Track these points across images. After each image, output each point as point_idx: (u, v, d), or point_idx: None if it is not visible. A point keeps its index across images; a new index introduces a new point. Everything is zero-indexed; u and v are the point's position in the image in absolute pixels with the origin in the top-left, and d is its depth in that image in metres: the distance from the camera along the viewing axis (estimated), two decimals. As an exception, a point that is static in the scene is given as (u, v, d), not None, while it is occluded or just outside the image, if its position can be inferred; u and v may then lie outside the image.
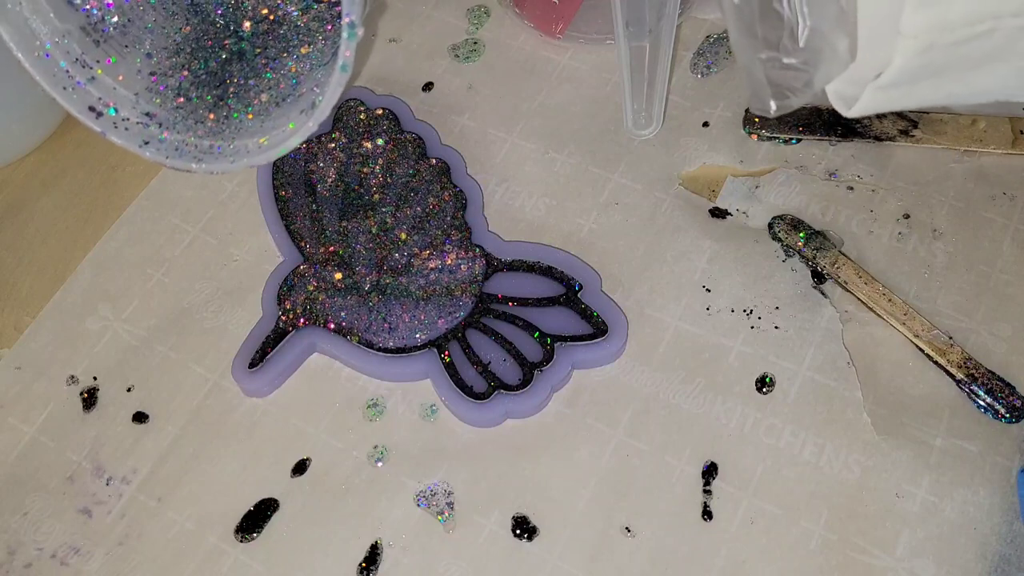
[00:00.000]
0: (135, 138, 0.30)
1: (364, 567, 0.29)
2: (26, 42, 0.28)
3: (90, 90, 0.30)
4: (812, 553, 0.28)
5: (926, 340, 0.31)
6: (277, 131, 0.29)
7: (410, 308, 0.32)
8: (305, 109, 0.29)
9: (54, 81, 0.29)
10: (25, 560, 0.29)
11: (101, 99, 0.30)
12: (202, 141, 0.30)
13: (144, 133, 0.30)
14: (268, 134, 0.29)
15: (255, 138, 0.30)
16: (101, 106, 0.30)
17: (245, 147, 0.30)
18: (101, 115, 0.30)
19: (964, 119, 0.36)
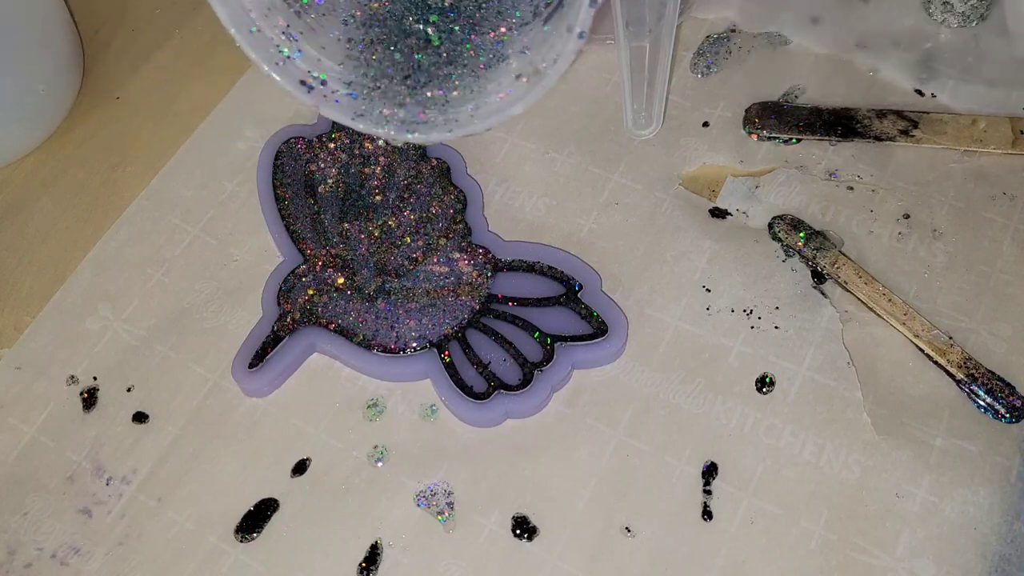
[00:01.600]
0: (346, 111, 0.29)
1: (364, 567, 0.29)
2: (240, 20, 0.28)
3: (298, 64, 0.29)
4: (812, 553, 0.28)
5: (926, 340, 0.31)
6: (488, 96, 0.28)
7: (415, 313, 0.32)
8: (527, 75, 0.27)
9: (267, 56, 0.29)
10: (25, 560, 0.29)
11: (310, 72, 0.29)
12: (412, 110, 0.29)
13: (354, 105, 0.29)
14: (477, 100, 0.28)
15: (465, 106, 0.29)
16: (311, 79, 0.29)
17: (456, 116, 0.28)
18: (312, 89, 0.29)
19: (964, 119, 0.36)
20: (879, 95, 0.37)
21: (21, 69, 0.36)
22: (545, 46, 0.27)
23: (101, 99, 0.40)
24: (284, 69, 0.29)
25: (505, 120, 0.28)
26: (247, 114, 0.39)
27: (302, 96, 0.29)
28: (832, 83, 0.38)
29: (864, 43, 0.39)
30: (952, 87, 0.37)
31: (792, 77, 0.38)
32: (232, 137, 0.38)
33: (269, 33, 0.29)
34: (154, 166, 0.38)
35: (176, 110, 0.39)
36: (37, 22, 0.36)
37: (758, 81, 0.38)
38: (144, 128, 0.39)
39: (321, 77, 0.29)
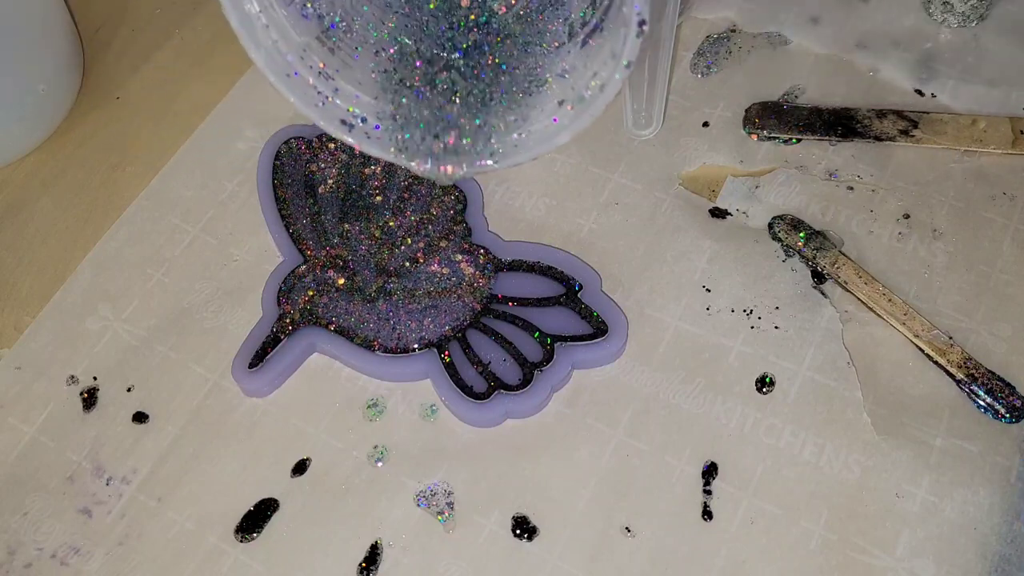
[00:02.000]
0: (387, 146, 0.28)
1: (364, 567, 0.29)
2: (277, 65, 0.28)
3: (337, 102, 0.28)
4: (812, 553, 0.28)
5: (926, 340, 0.31)
6: (531, 123, 0.28)
7: (416, 314, 0.32)
8: (570, 100, 0.27)
9: (307, 99, 0.28)
10: (25, 560, 0.29)
11: (349, 111, 0.28)
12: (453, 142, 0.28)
13: (393, 138, 0.28)
14: (520, 129, 0.28)
15: (510, 135, 0.28)
16: (351, 117, 0.28)
17: (501, 146, 0.28)
18: (353, 127, 0.28)
19: (964, 119, 0.36)
20: (879, 95, 0.37)
21: (21, 69, 0.36)
22: (587, 69, 0.27)
23: (101, 99, 0.40)
24: (324, 111, 0.28)
25: (552, 149, 0.27)
26: (247, 114, 0.39)
27: (343, 136, 0.28)
28: (832, 83, 0.38)
29: (864, 43, 0.39)
30: (952, 87, 0.37)
31: (792, 77, 0.38)
32: (232, 137, 0.38)
33: (306, 75, 0.28)
34: (154, 166, 0.38)
35: (176, 110, 0.39)
36: (37, 22, 0.36)
37: (758, 81, 0.38)
38: (144, 128, 0.39)
39: (360, 115, 0.28)
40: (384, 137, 0.28)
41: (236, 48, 0.43)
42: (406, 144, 0.28)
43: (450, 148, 0.28)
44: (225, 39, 0.42)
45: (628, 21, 0.23)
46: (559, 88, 0.27)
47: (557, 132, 0.27)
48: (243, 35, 0.27)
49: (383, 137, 0.28)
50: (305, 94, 0.28)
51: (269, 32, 0.27)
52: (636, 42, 0.24)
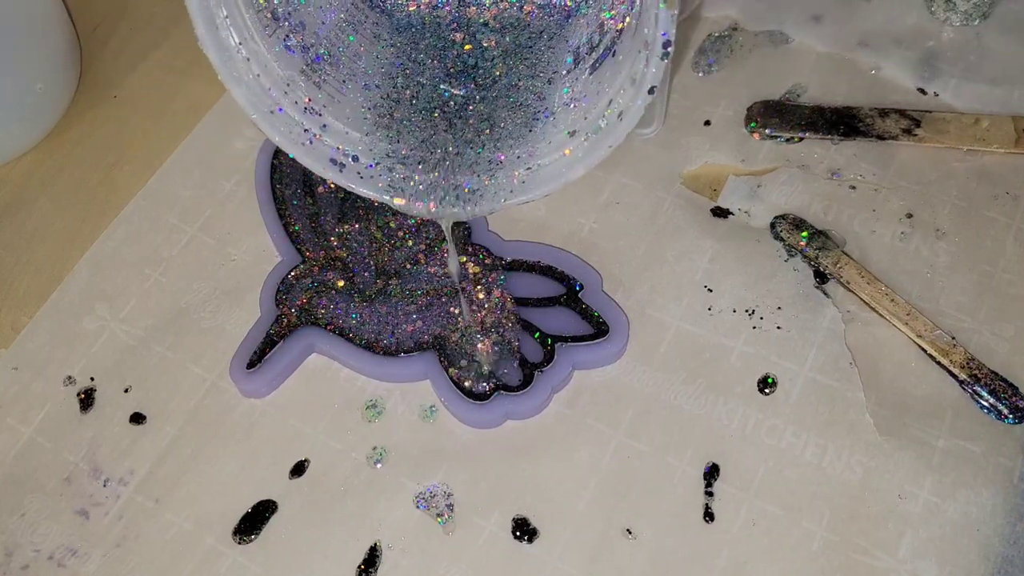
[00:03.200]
0: (383, 187, 0.26)
1: (363, 569, 0.28)
2: (260, 101, 0.25)
3: (326, 140, 0.26)
4: (814, 554, 0.28)
5: (929, 340, 0.31)
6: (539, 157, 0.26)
7: (415, 315, 0.32)
8: (583, 131, 0.25)
9: (292, 138, 0.26)
10: (22, 561, 0.29)
11: (339, 148, 0.26)
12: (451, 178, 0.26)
13: (389, 178, 0.26)
14: (528, 163, 0.26)
15: (515, 170, 0.26)
16: (341, 156, 0.26)
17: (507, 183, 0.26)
18: (344, 167, 0.26)
19: (967, 118, 0.36)
20: (881, 94, 0.37)
21: (19, 68, 0.36)
22: (600, 97, 0.25)
23: (99, 98, 0.40)
24: (311, 150, 0.26)
25: (564, 185, 0.25)
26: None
27: (334, 176, 0.26)
28: (834, 82, 0.37)
29: (866, 41, 0.38)
30: (955, 86, 0.37)
31: (794, 76, 0.38)
32: (230, 136, 0.38)
33: (293, 112, 0.26)
34: (152, 165, 0.37)
35: (174, 109, 0.39)
36: (35, 21, 0.36)
37: (760, 80, 0.38)
38: (142, 127, 0.39)
39: (351, 153, 0.26)
40: (377, 176, 0.26)
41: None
42: (402, 184, 0.26)
43: (451, 187, 0.26)
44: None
45: (651, 44, 0.22)
46: (566, 118, 0.26)
47: (571, 166, 0.25)
48: (222, 70, 0.25)
49: (376, 176, 0.26)
50: (291, 132, 0.26)
51: (250, 66, 0.25)
52: (661, 65, 0.22)
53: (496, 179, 0.26)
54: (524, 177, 0.26)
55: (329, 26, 0.27)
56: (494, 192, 0.26)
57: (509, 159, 0.26)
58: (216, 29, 0.24)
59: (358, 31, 0.27)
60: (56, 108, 0.39)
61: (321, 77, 0.27)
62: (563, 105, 0.26)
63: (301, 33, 0.26)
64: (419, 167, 0.26)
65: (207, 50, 0.24)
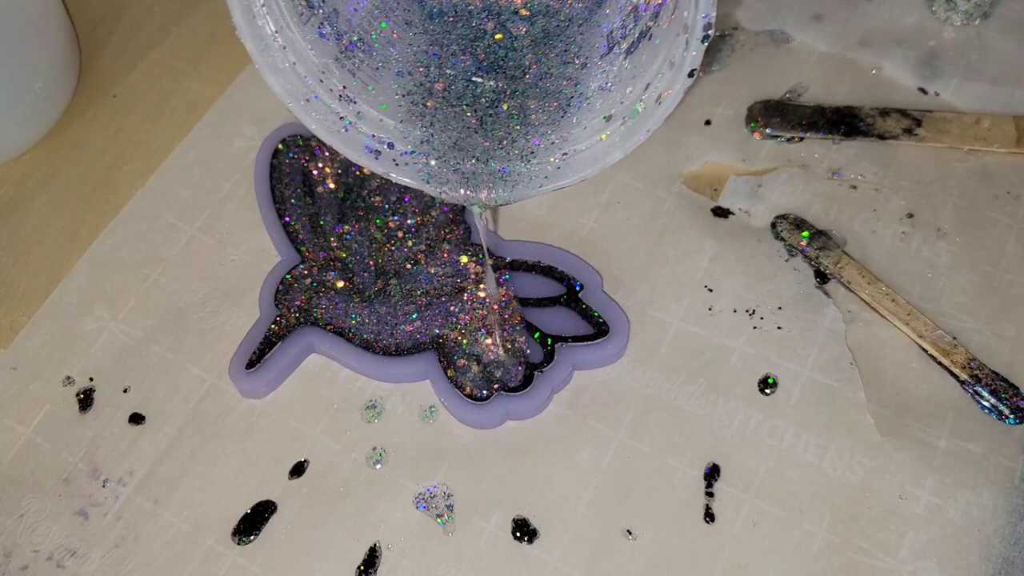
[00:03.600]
0: (419, 173, 0.26)
1: (363, 570, 0.28)
2: (296, 90, 0.26)
3: (361, 128, 0.26)
4: (815, 555, 0.28)
5: (930, 341, 0.31)
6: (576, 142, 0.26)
7: (415, 315, 0.32)
8: (620, 116, 0.25)
9: (328, 126, 0.26)
10: (21, 562, 0.29)
11: (374, 136, 0.26)
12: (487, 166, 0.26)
13: (425, 165, 0.26)
14: (564, 148, 0.26)
15: (552, 155, 0.26)
16: (376, 143, 0.26)
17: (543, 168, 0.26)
18: (380, 154, 0.26)
19: (968, 117, 0.36)
20: (882, 93, 0.37)
21: (17, 67, 0.36)
22: (637, 81, 0.25)
23: (97, 97, 0.40)
24: (347, 137, 0.26)
25: (602, 170, 0.25)
26: (245, 112, 0.38)
27: (370, 164, 0.26)
28: (835, 81, 0.37)
29: (867, 41, 0.38)
30: (956, 85, 0.37)
31: (795, 75, 0.38)
32: (230, 135, 0.38)
33: (328, 99, 0.26)
34: (151, 165, 0.37)
35: (173, 108, 0.39)
36: (34, 20, 0.36)
37: (761, 79, 0.38)
38: (141, 126, 0.39)
39: (386, 140, 0.26)
40: (413, 163, 0.26)
41: (233, 45, 0.42)
42: (438, 171, 0.26)
43: (487, 173, 0.26)
44: (222, 37, 0.41)
45: (691, 27, 0.22)
46: (602, 103, 0.25)
47: (608, 151, 0.25)
48: (258, 58, 0.25)
49: (412, 163, 0.26)
50: (326, 120, 0.26)
51: (286, 54, 0.25)
52: (701, 48, 0.22)
53: (532, 165, 0.26)
54: (560, 163, 0.26)
55: (362, 12, 0.27)
56: (530, 178, 0.26)
57: (544, 145, 0.26)
58: (253, 18, 0.24)
59: (390, 17, 0.27)
60: (55, 107, 0.38)
61: (355, 64, 0.27)
62: (598, 90, 0.26)
63: (335, 20, 0.26)
64: (455, 155, 0.26)
65: (244, 39, 0.24)
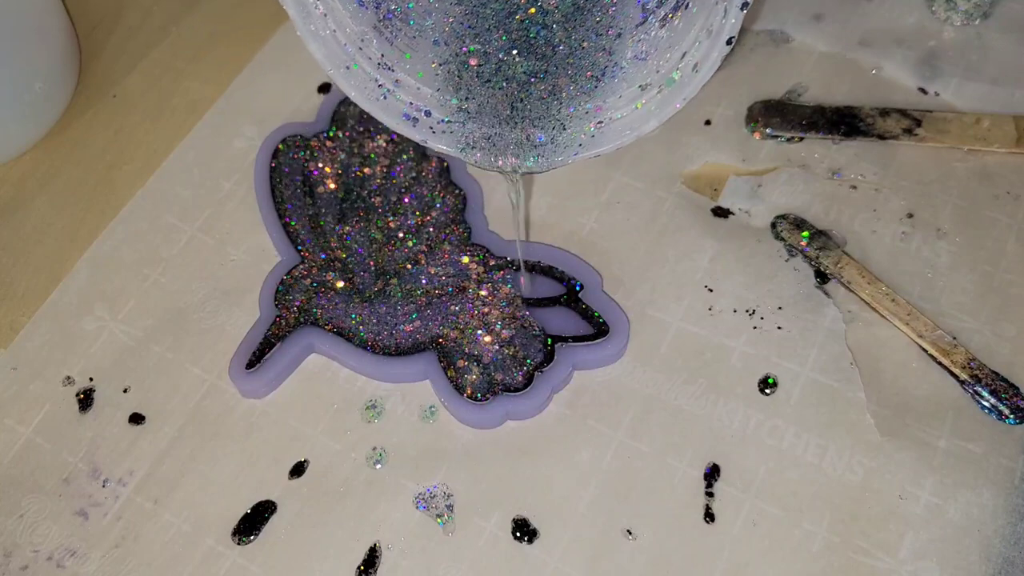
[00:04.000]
0: (456, 141, 0.27)
1: (363, 570, 0.28)
2: (336, 57, 0.26)
3: (399, 95, 0.27)
4: (815, 555, 0.28)
5: (930, 341, 0.31)
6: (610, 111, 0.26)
7: (415, 314, 0.32)
8: (656, 84, 0.25)
9: (367, 94, 0.27)
10: (21, 562, 0.29)
11: (412, 103, 0.27)
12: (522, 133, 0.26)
13: (463, 132, 0.27)
14: (599, 117, 0.26)
15: (586, 123, 0.26)
16: (413, 111, 0.27)
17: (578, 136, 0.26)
18: (417, 121, 0.27)
19: (968, 117, 0.36)
20: (882, 93, 0.37)
21: (17, 67, 0.36)
22: (673, 50, 0.25)
23: (97, 97, 0.40)
24: (386, 104, 0.27)
25: (638, 138, 0.25)
26: (245, 112, 0.38)
27: (407, 131, 0.27)
28: (835, 81, 0.37)
29: (867, 41, 0.38)
30: (956, 85, 0.37)
31: (795, 75, 0.38)
32: (230, 135, 0.38)
33: (367, 67, 0.27)
34: (151, 165, 0.37)
35: (173, 108, 0.39)
36: (33, 20, 0.36)
37: (761, 79, 0.38)
38: (141, 126, 0.39)
39: (424, 108, 0.27)
40: (450, 131, 0.27)
41: (233, 45, 0.42)
42: (473, 138, 0.27)
43: (521, 141, 0.26)
44: (222, 36, 0.41)
45: None
46: (637, 72, 0.26)
47: (643, 119, 0.25)
48: (300, 25, 0.25)
49: (448, 131, 0.27)
50: (365, 88, 0.27)
51: (327, 21, 0.26)
52: (740, 16, 0.22)
53: (566, 133, 0.26)
54: (595, 131, 0.26)
55: None
56: (565, 145, 0.26)
57: (579, 114, 0.26)
58: None
59: None
60: (55, 107, 0.38)
61: (392, 33, 0.27)
62: (633, 60, 0.26)
63: None
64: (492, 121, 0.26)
65: (287, 6, 0.25)
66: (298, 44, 0.42)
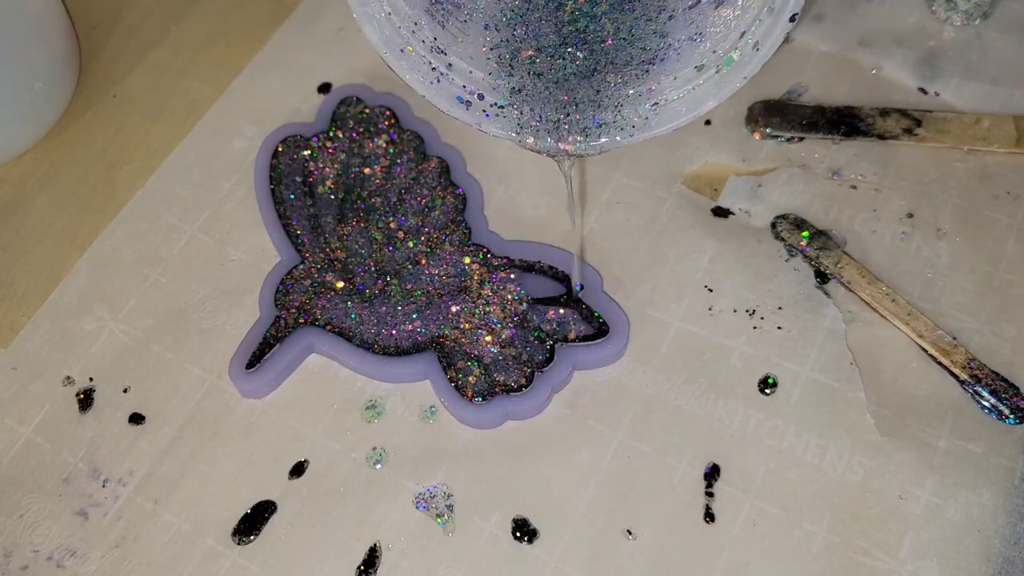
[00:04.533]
0: (509, 125, 0.27)
1: (363, 570, 0.28)
2: (391, 40, 0.26)
3: (453, 78, 0.27)
4: (815, 555, 0.28)
5: (930, 341, 0.31)
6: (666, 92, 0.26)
7: (415, 314, 0.32)
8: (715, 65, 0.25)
9: (421, 77, 0.27)
10: (21, 562, 0.29)
11: (465, 87, 0.27)
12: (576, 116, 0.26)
13: (516, 116, 0.27)
14: (655, 98, 0.26)
15: (642, 105, 0.26)
16: (467, 94, 0.27)
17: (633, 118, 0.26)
18: (470, 104, 0.27)
19: (968, 117, 0.36)
20: (882, 93, 0.37)
21: (17, 67, 0.36)
22: (731, 30, 0.25)
23: (97, 97, 0.40)
24: (439, 88, 0.27)
25: (696, 118, 0.25)
26: (245, 112, 0.38)
27: (461, 114, 0.27)
28: (835, 81, 0.37)
29: (867, 41, 0.38)
30: (956, 85, 0.37)
31: (795, 75, 0.38)
32: (230, 135, 0.38)
33: (420, 50, 0.27)
34: (151, 165, 0.37)
35: (173, 108, 0.39)
36: (33, 20, 0.36)
37: (761, 79, 0.37)
38: (141, 126, 0.39)
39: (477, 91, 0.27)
40: (503, 115, 0.27)
41: (233, 46, 0.43)
42: (527, 122, 0.27)
43: (574, 124, 0.26)
44: (222, 36, 0.41)
45: None
46: (693, 53, 0.26)
47: (701, 100, 0.25)
48: (357, 8, 0.25)
49: (502, 115, 0.27)
50: (420, 71, 0.27)
51: (382, 4, 0.26)
52: None
53: (622, 115, 0.26)
54: (650, 113, 0.26)
55: None
56: (620, 128, 0.26)
57: (634, 96, 0.26)
58: None
59: None
60: (55, 107, 0.38)
61: (444, 16, 0.27)
62: (688, 41, 0.26)
63: None
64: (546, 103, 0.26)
65: None
66: (298, 44, 0.42)
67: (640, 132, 0.26)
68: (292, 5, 0.42)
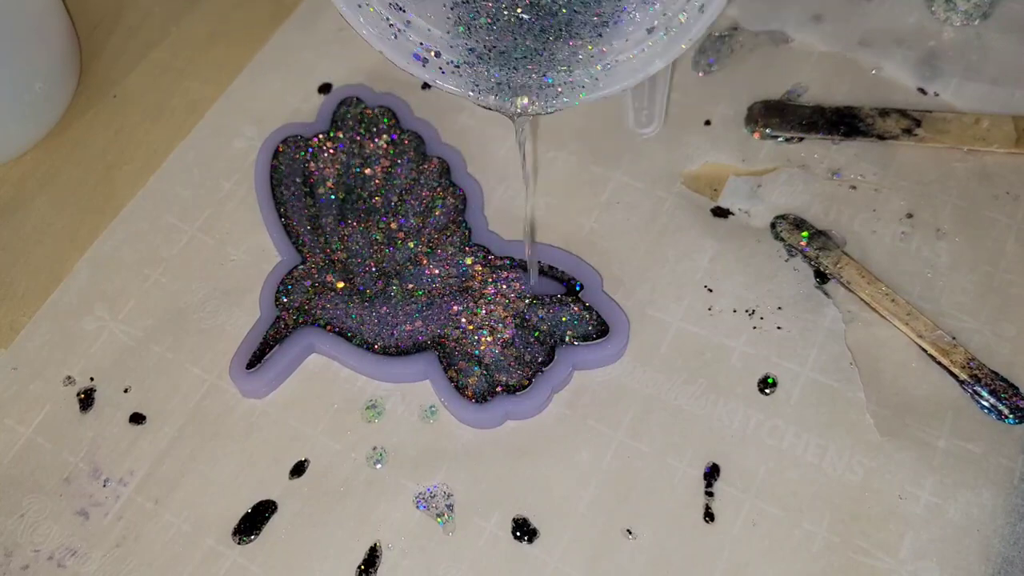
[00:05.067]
0: (464, 82, 0.27)
1: (363, 569, 0.28)
2: None
3: (410, 36, 0.27)
4: (815, 555, 0.28)
5: (929, 341, 0.31)
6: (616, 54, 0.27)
7: (415, 314, 0.32)
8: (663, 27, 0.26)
9: (379, 34, 0.27)
10: (22, 562, 0.29)
11: (423, 44, 0.27)
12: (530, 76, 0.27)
13: (470, 75, 0.27)
14: (605, 60, 0.27)
15: (592, 67, 0.27)
16: (424, 52, 0.27)
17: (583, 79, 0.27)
18: (427, 62, 0.27)
19: (967, 117, 0.36)
20: (882, 93, 0.37)
21: (18, 67, 0.36)
22: None
23: (98, 97, 0.40)
24: (396, 44, 0.28)
25: (643, 79, 0.26)
26: (245, 112, 0.38)
27: (417, 71, 0.27)
28: (835, 81, 0.37)
29: (867, 41, 0.38)
30: (955, 85, 0.37)
31: (795, 75, 0.38)
32: (230, 135, 0.38)
33: (378, 6, 0.27)
34: (151, 165, 0.37)
35: (173, 108, 0.39)
36: (34, 20, 0.36)
37: (760, 79, 0.38)
38: (141, 126, 0.39)
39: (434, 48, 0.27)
40: (458, 72, 0.27)
41: (233, 45, 0.43)
42: (482, 79, 0.27)
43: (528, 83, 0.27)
44: (222, 36, 0.41)
45: None
46: (645, 16, 0.26)
47: (649, 60, 0.26)
48: None
49: (457, 72, 0.27)
50: (377, 27, 0.27)
51: None
52: None
53: (573, 75, 0.27)
54: (601, 73, 0.27)
55: None
56: (572, 87, 0.27)
57: (584, 56, 0.27)
58: None
59: None
60: (55, 108, 0.38)
61: None
62: (640, 3, 0.27)
63: None
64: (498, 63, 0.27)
65: None
66: (298, 44, 0.42)
67: (591, 92, 0.27)
68: (292, 5, 0.42)
